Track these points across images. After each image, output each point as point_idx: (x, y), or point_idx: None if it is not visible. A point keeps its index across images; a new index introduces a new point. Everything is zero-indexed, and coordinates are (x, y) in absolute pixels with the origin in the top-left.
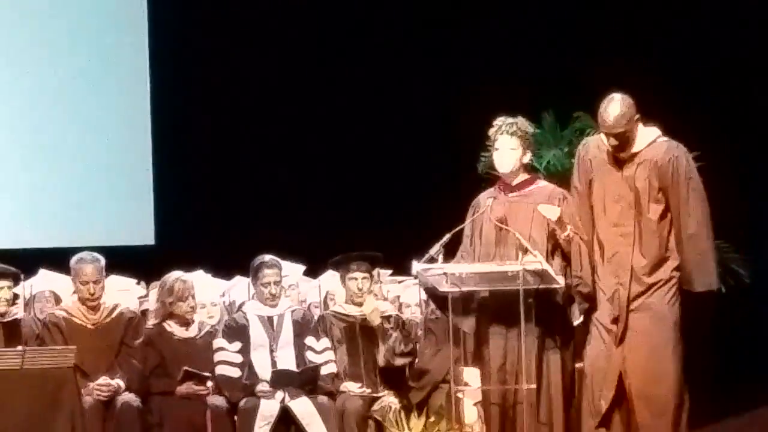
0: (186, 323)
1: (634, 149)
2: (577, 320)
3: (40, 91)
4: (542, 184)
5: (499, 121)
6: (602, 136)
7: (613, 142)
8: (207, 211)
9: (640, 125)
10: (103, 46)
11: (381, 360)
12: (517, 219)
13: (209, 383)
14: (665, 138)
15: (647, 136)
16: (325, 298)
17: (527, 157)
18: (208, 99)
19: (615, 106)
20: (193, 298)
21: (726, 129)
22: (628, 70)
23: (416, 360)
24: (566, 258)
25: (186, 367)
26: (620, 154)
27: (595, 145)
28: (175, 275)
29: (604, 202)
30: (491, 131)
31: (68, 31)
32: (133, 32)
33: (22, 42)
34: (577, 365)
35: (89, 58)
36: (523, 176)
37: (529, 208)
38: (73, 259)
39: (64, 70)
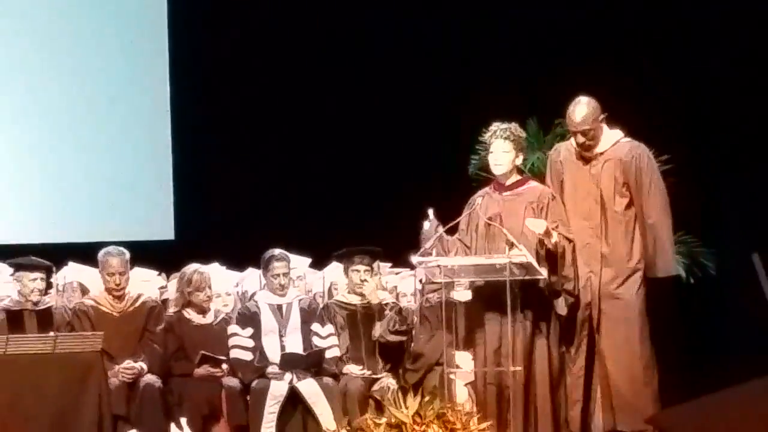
0: (203, 311)
1: (600, 149)
2: (563, 312)
3: (64, 91)
4: (533, 184)
5: (494, 126)
6: (571, 140)
7: (580, 139)
8: (222, 209)
9: (606, 128)
10: (125, 45)
11: (375, 334)
12: (510, 215)
13: (224, 366)
14: (628, 138)
15: (612, 137)
16: (330, 288)
17: (520, 159)
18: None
19: (581, 107)
20: (210, 288)
21: (693, 132)
22: (604, 80)
23: (412, 343)
24: (552, 258)
25: (203, 351)
26: (586, 153)
27: (565, 149)
28: (193, 267)
29: (575, 199)
30: (486, 136)
31: (92, 31)
32: (154, 31)
33: (49, 43)
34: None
35: (110, 57)
36: (516, 177)
37: (521, 206)
38: (101, 253)
39: (87, 70)
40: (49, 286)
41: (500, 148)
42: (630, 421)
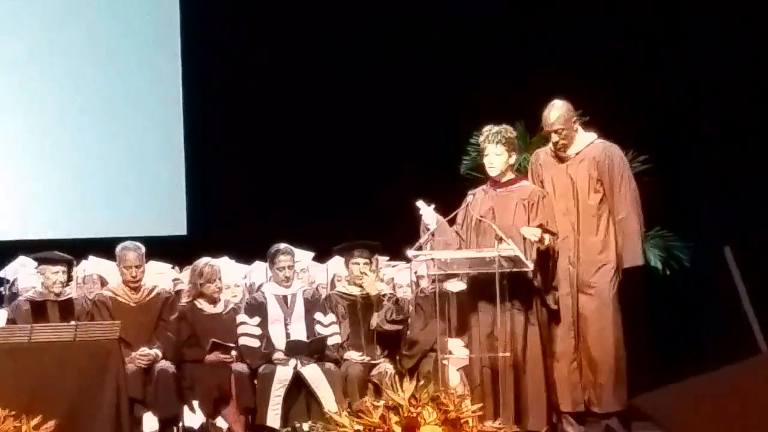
0: (214, 301)
1: (576, 149)
2: (554, 306)
3: (80, 90)
4: (525, 183)
5: (486, 130)
6: (550, 144)
7: (554, 138)
8: (231, 206)
9: (581, 130)
10: (137, 42)
11: (373, 324)
12: (503, 210)
13: (233, 352)
14: (602, 140)
15: (587, 139)
16: (333, 279)
17: (513, 159)
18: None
19: (555, 109)
20: (220, 280)
21: (669, 131)
22: (585, 83)
23: (408, 331)
24: (544, 258)
25: (213, 339)
26: (561, 153)
27: (544, 152)
28: (204, 260)
29: (554, 197)
30: (480, 139)
31: (105, 30)
32: (166, 27)
33: (67, 43)
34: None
35: (124, 55)
36: (511, 175)
37: (513, 202)
38: (118, 248)
39: (101, 70)
40: (70, 278)
41: (493, 151)
42: (596, 404)
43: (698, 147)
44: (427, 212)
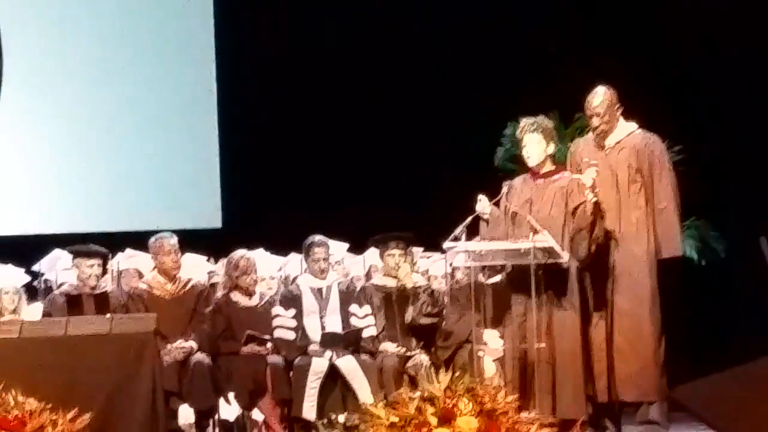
0: (249, 294)
1: (616, 138)
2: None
3: (115, 85)
4: (566, 174)
5: (523, 122)
6: (590, 134)
7: (596, 122)
8: (266, 198)
9: (622, 119)
10: (171, 35)
11: (408, 318)
12: (541, 201)
13: (269, 344)
14: (642, 130)
15: (627, 128)
16: (369, 270)
17: (551, 148)
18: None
19: (599, 91)
20: (255, 272)
21: (706, 122)
22: (621, 74)
23: (443, 323)
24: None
25: (249, 331)
26: (601, 140)
27: (584, 141)
28: (240, 253)
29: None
30: (518, 132)
31: (139, 21)
32: (200, 20)
33: (96, 35)
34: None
35: (158, 49)
36: (551, 166)
37: (551, 193)
38: (152, 239)
39: (136, 63)
40: (105, 271)
41: (532, 141)
42: (633, 393)
43: (733, 137)
44: (485, 202)
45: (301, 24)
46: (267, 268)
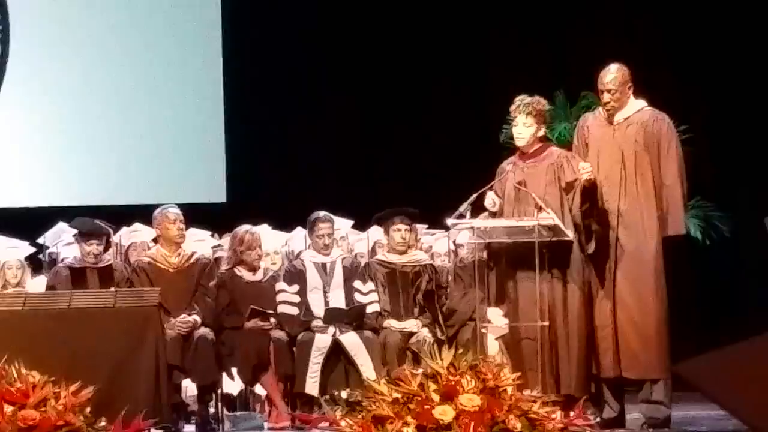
0: (253, 269)
1: (625, 115)
2: (591, 250)
3: (120, 61)
4: (552, 149)
5: (518, 100)
6: (597, 109)
7: (606, 98)
8: (271, 173)
9: (632, 97)
10: (178, 11)
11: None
12: (534, 181)
13: (272, 319)
14: (651, 108)
15: (636, 105)
16: (374, 246)
17: (542, 132)
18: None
19: (612, 68)
20: (260, 247)
21: (710, 101)
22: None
23: (447, 300)
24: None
25: (253, 306)
26: (610, 113)
27: (592, 116)
28: (244, 228)
29: (598, 160)
30: (511, 108)
31: (148, 4)
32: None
33: (104, 15)
34: None
35: (164, 24)
36: (537, 145)
37: (542, 171)
38: (157, 211)
39: (141, 39)
40: (108, 247)
41: (522, 122)
42: (636, 371)
43: (738, 117)
44: (493, 199)
45: (306, 5)
46: (271, 243)
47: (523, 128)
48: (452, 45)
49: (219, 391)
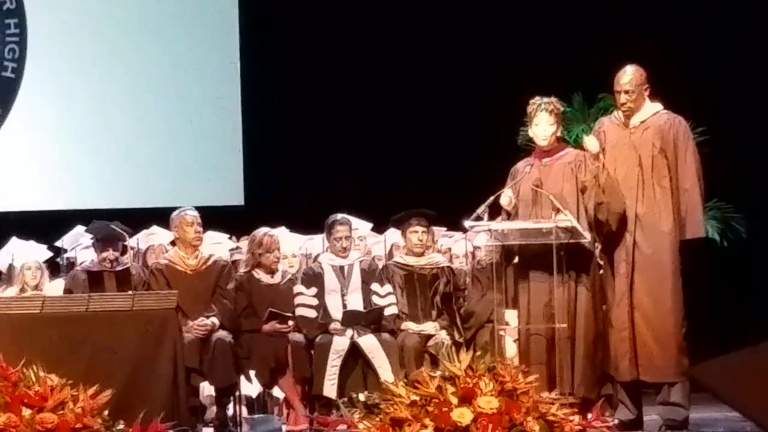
0: (271, 271)
1: (641, 118)
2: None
3: (138, 63)
4: (569, 149)
5: (537, 100)
6: (614, 113)
7: (623, 99)
8: (289, 176)
9: (647, 100)
10: (195, 10)
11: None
12: (550, 180)
13: (290, 322)
14: (667, 111)
15: (652, 108)
16: (391, 249)
17: (559, 132)
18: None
19: (629, 69)
20: (279, 250)
21: (727, 104)
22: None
23: (465, 303)
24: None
25: (271, 309)
26: (626, 115)
27: (608, 119)
28: (263, 230)
29: (615, 163)
30: (530, 109)
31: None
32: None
33: (122, 14)
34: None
35: (182, 26)
36: (555, 145)
37: (560, 170)
38: (174, 213)
39: (158, 39)
40: (125, 250)
41: (545, 121)
42: (654, 374)
43: (755, 117)
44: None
45: (325, 5)
46: (289, 246)
47: (547, 126)
48: (471, 46)
49: (237, 393)
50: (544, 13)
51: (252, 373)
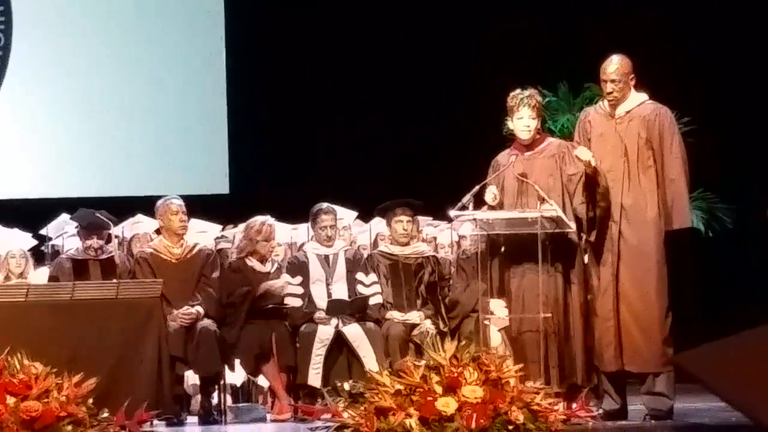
0: (264, 260)
1: (627, 108)
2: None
3: (123, 52)
4: (551, 140)
5: (519, 93)
6: (599, 103)
7: (609, 88)
8: (274, 165)
9: (633, 90)
10: (180, 1)
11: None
12: (535, 173)
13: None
14: (652, 101)
15: (638, 99)
16: (376, 238)
17: (539, 123)
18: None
19: (615, 59)
20: (274, 239)
21: (713, 94)
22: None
23: (449, 292)
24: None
25: (271, 305)
26: (612, 105)
27: (593, 110)
28: (261, 219)
29: (601, 153)
30: (512, 102)
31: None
32: None
33: (109, 6)
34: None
35: (167, 15)
36: (536, 137)
37: (544, 162)
38: (159, 202)
39: (144, 29)
40: (109, 239)
41: (527, 115)
42: (638, 364)
43: (741, 108)
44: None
45: None
46: (275, 235)
47: (530, 121)
48: (455, 36)
49: (222, 382)
50: (530, 2)
51: (237, 362)
